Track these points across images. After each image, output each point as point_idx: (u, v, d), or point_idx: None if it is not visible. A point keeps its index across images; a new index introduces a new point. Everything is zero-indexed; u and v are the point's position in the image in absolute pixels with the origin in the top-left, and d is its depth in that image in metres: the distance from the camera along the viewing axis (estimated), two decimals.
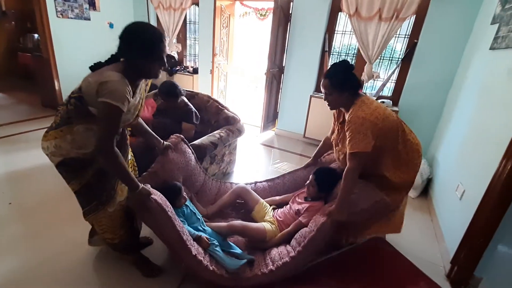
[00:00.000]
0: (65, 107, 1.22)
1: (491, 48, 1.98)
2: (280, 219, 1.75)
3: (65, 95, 4.02)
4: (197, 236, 1.47)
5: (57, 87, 3.95)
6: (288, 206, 1.82)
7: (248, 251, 1.60)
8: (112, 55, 1.21)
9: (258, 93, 5.76)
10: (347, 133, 1.46)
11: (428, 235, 2.12)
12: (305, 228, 1.55)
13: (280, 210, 1.83)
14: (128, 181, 1.26)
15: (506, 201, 1.46)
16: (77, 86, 1.20)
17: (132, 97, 1.21)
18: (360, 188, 1.53)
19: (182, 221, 1.48)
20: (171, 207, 1.41)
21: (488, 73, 2.00)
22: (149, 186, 1.36)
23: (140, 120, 1.58)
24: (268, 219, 1.76)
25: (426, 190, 2.66)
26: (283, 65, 3.79)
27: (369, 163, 1.50)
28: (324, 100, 1.55)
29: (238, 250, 1.55)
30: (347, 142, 1.46)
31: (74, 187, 1.31)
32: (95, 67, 1.19)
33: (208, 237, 1.51)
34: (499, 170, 1.48)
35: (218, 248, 1.48)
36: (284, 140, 3.87)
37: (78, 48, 4.08)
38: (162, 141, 1.71)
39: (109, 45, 4.53)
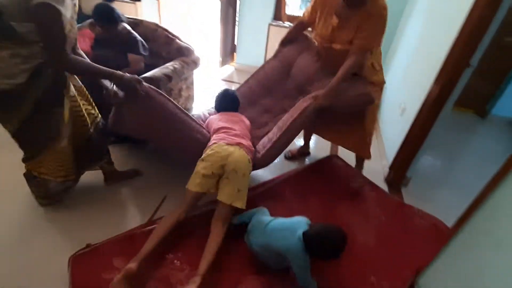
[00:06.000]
0: None
1: None
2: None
3: None
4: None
5: None
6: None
7: None
8: None
9: (211, 26, 5.24)
10: (364, 26, 1.39)
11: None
12: (286, 115, 1.64)
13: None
14: (107, 75, 1.20)
15: (433, 116, 1.73)
16: None
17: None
18: (351, 79, 1.58)
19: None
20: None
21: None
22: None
23: (81, 52, 1.36)
24: None
25: None
26: None
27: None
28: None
29: None
30: (360, 36, 1.41)
31: (13, 127, 1.16)
32: None
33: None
34: (431, 91, 1.71)
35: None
36: (244, 75, 3.68)
37: None
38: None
39: None
